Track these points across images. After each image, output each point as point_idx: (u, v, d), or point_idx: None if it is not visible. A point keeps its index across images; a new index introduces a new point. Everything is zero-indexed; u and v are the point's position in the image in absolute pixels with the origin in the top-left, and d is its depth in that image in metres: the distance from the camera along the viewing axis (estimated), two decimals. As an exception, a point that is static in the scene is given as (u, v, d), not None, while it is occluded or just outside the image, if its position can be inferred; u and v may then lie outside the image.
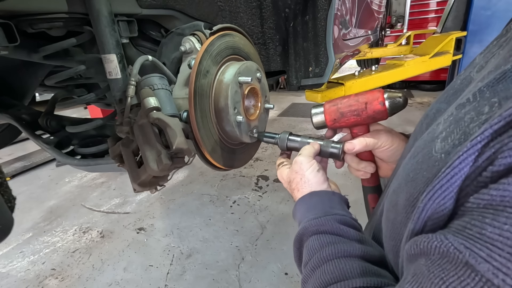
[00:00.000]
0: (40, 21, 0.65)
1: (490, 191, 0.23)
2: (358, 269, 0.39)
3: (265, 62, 1.10)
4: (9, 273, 1.87)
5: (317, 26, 1.01)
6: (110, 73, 0.69)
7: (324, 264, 0.41)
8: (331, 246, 0.43)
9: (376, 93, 0.61)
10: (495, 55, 0.38)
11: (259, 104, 0.79)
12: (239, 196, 2.51)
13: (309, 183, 0.58)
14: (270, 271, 1.71)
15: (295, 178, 0.60)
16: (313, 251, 0.45)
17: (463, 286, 0.22)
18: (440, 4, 4.58)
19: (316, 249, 0.45)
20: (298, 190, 0.58)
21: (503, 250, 0.20)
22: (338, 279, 0.38)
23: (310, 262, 0.44)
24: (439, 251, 0.24)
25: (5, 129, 1.31)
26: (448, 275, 0.23)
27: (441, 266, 0.24)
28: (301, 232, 0.50)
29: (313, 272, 0.42)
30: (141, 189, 0.67)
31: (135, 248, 1.99)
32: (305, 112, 4.63)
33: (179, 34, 0.77)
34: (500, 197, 0.22)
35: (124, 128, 0.66)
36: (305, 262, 0.45)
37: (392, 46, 3.42)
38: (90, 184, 2.98)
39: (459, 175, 0.26)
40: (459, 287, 0.22)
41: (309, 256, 0.45)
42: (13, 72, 0.99)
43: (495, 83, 0.30)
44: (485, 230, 0.22)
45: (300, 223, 0.52)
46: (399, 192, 0.35)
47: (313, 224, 0.48)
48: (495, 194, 0.22)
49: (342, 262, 0.41)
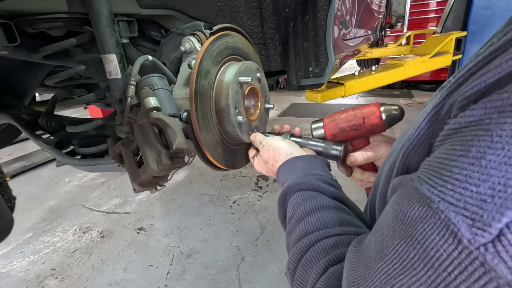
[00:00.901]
0: (40, 21, 0.65)
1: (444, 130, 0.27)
2: (337, 220, 0.44)
3: (265, 62, 1.10)
4: (9, 273, 1.87)
5: (317, 26, 1.01)
6: (110, 73, 0.69)
7: (307, 217, 0.46)
8: (312, 200, 0.48)
9: (372, 107, 0.63)
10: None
11: (259, 104, 0.79)
12: (239, 196, 2.51)
13: (283, 150, 0.62)
14: (270, 271, 1.71)
15: (268, 155, 0.64)
16: (297, 206, 0.50)
17: (416, 211, 0.24)
18: (440, 4, 4.58)
19: (299, 203, 0.50)
20: (276, 161, 0.62)
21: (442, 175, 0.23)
22: (319, 228, 0.44)
23: (294, 216, 0.49)
24: (404, 184, 0.28)
25: (5, 129, 1.31)
26: (409, 203, 0.25)
27: (403, 196, 0.27)
28: (285, 190, 0.54)
29: (297, 224, 0.47)
30: (141, 189, 0.67)
31: (135, 248, 1.99)
32: (305, 112, 4.63)
33: (179, 34, 0.77)
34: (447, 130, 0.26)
35: (124, 128, 0.66)
36: (290, 216, 0.50)
37: (392, 46, 3.42)
38: (90, 184, 2.98)
39: (425, 132, 0.30)
40: (412, 211, 0.24)
41: (293, 210, 0.50)
42: (13, 72, 0.99)
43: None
44: (431, 161, 0.26)
45: (283, 184, 0.56)
46: (383, 167, 0.40)
47: (296, 183, 0.53)
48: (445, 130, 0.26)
49: (323, 213, 0.46)
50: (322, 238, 0.42)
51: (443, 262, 0.21)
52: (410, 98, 5.13)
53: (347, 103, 5.08)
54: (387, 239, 0.27)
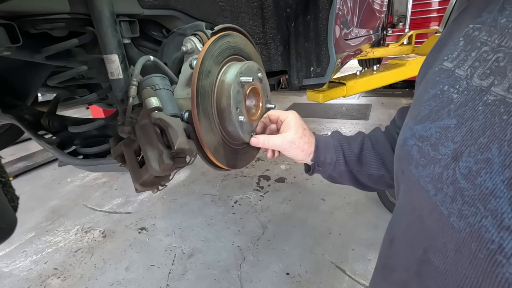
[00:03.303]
0: (43, 21, 0.66)
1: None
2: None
3: (267, 62, 1.10)
4: (12, 273, 1.88)
5: (319, 25, 1.01)
6: (112, 74, 0.69)
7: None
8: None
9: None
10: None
11: (260, 104, 0.79)
12: (240, 196, 2.51)
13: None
14: (272, 271, 1.71)
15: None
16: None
17: None
18: (442, 4, 4.57)
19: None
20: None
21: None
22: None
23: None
24: None
25: (8, 129, 1.32)
26: None
27: None
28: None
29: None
30: (143, 189, 0.67)
31: (137, 248, 2.00)
32: (307, 112, 4.63)
33: (181, 34, 0.77)
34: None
35: (125, 128, 0.66)
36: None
37: (394, 46, 3.41)
38: (92, 184, 2.99)
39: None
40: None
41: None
42: (16, 72, 0.99)
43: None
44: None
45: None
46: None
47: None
48: None
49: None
50: None
51: None
52: (412, 98, 5.11)
53: (348, 103, 5.07)
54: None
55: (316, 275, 1.66)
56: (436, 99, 0.36)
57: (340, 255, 1.78)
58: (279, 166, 2.99)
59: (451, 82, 0.35)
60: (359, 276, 1.63)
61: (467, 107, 0.31)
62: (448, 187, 0.29)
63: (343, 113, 4.56)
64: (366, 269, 1.66)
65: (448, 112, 0.33)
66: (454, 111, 0.32)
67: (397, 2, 4.68)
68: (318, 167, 0.70)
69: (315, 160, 0.70)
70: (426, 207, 0.32)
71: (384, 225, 1.98)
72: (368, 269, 1.66)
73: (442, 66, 0.39)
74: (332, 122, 4.14)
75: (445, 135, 0.32)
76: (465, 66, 0.34)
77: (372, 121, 4.06)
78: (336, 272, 1.67)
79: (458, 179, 0.28)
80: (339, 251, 1.82)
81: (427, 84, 0.40)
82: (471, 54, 0.34)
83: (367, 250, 1.80)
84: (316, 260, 1.76)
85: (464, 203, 0.27)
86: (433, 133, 0.34)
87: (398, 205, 0.42)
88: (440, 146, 0.32)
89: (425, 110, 0.37)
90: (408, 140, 0.38)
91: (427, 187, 0.32)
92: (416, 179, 0.34)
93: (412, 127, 0.38)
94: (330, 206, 2.27)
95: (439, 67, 0.40)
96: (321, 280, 1.62)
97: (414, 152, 0.36)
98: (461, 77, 0.34)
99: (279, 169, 2.94)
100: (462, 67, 0.35)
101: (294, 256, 1.80)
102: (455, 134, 0.31)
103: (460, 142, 0.30)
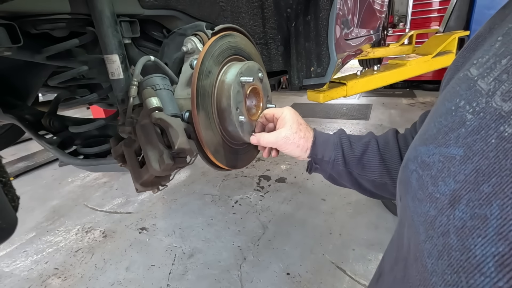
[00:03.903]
0: (43, 22, 0.66)
1: None
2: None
3: (267, 62, 1.10)
4: (13, 272, 1.88)
5: (319, 26, 1.01)
6: (113, 74, 0.69)
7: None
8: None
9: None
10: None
11: (261, 104, 0.79)
12: (241, 196, 2.51)
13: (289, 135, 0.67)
14: (272, 271, 1.71)
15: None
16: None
17: None
18: (443, 4, 4.56)
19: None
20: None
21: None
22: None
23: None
24: None
25: (9, 129, 1.32)
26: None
27: None
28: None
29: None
30: (143, 189, 0.67)
31: (137, 248, 2.00)
32: (307, 112, 4.63)
33: (181, 35, 0.77)
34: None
35: (126, 128, 0.66)
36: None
37: (394, 46, 3.41)
38: (92, 184, 2.99)
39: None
40: None
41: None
42: (17, 72, 1.00)
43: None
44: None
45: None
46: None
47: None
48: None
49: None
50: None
51: None
52: (413, 98, 5.11)
53: (349, 103, 5.07)
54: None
55: (316, 275, 1.66)
56: (448, 117, 0.29)
57: (341, 255, 1.78)
58: (280, 166, 2.99)
59: (469, 97, 0.28)
60: (360, 276, 1.62)
61: (479, 137, 0.25)
62: (438, 238, 0.24)
63: (344, 113, 4.56)
64: (366, 270, 1.66)
65: (456, 138, 0.27)
66: (463, 137, 0.26)
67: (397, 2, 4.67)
68: (316, 165, 0.68)
69: (312, 157, 0.67)
70: (413, 251, 0.28)
71: (384, 225, 1.99)
72: (369, 269, 1.66)
73: (468, 72, 0.31)
74: (332, 122, 4.14)
75: (448, 168, 0.26)
76: (490, 77, 0.27)
77: (372, 121, 4.06)
78: (336, 272, 1.67)
79: (449, 232, 0.23)
80: (340, 251, 1.81)
81: (446, 94, 0.33)
82: (500, 62, 0.26)
83: (368, 250, 1.79)
84: (317, 260, 1.76)
85: (449, 265, 0.22)
86: (436, 162, 0.28)
87: (393, 235, 0.38)
88: (440, 181, 0.26)
89: (434, 128, 0.31)
90: (410, 164, 0.32)
91: (418, 228, 0.27)
92: (411, 214, 0.29)
93: (416, 147, 0.33)
94: (330, 206, 2.27)
95: (464, 73, 0.31)
96: (322, 280, 1.62)
97: (413, 180, 0.30)
98: (482, 92, 0.27)
99: (279, 169, 2.94)
100: (486, 78, 0.27)
101: (295, 256, 1.80)
102: (459, 171, 0.25)
103: (461, 183, 0.24)
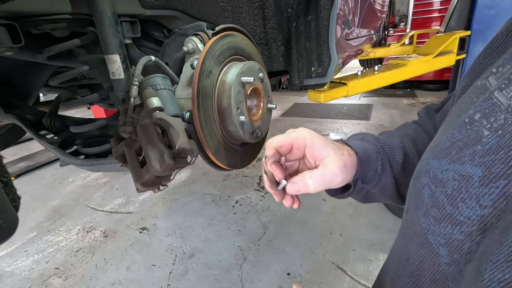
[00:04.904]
0: (45, 22, 0.66)
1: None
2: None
3: (268, 62, 1.10)
4: (14, 272, 1.89)
5: (320, 26, 1.01)
6: (113, 74, 0.70)
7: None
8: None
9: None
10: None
11: (261, 104, 0.79)
12: (241, 196, 2.51)
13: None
14: (273, 271, 1.71)
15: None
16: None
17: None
18: (444, 4, 4.56)
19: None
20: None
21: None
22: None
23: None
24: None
25: (10, 129, 1.32)
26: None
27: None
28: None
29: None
30: (144, 189, 0.67)
31: (138, 248, 2.00)
32: (308, 112, 4.62)
33: (182, 35, 0.77)
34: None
35: (127, 128, 0.66)
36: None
37: (395, 46, 3.41)
38: (93, 184, 3.00)
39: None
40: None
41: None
42: (18, 72, 1.00)
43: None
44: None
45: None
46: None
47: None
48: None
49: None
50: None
51: None
52: (413, 98, 5.10)
53: (349, 103, 5.07)
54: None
55: (317, 275, 1.65)
56: (462, 130, 0.27)
57: (341, 255, 1.78)
58: (280, 166, 2.99)
59: (486, 111, 0.25)
60: (360, 276, 1.62)
61: (497, 157, 0.22)
62: (466, 264, 0.22)
63: (344, 113, 4.55)
64: (367, 270, 1.66)
65: (472, 156, 0.24)
66: (480, 156, 0.24)
67: (398, 2, 4.67)
68: (363, 184, 0.48)
69: (361, 176, 0.46)
70: (429, 272, 0.25)
71: (385, 225, 1.98)
72: (369, 269, 1.65)
73: (486, 82, 0.28)
74: (333, 122, 4.14)
75: (466, 189, 0.24)
76: (510, 89, 0.24)
77: (373, 121, 4.05)
78: (337, 272, 1.67)
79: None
80: (340, 251, 1.81)
81: (462, 105, 0.30)
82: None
83: (368, 250, 1.79)
84: (317, 260, 1.76)
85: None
86: (450, 180, 0.25)
87: (393, 246, 0.36)
88: (460, 202, 0.24)
89: (447, 141, 0.28)
90: (421, 177, 0.30)
91: (438, 249, 0.25)
92: (423, 230, 0.27)
93: (428, 160, 0.30)
94: (331, 206, 2.27)
95: (483, 82, 0.28)
96: (322, 281, 1.62)
97: (425, 195, 0.28)
98: (501, 106, 0.24)
99: (280, 169, 2.93)
100: (505, 90, 0.24)
101: (295, 256, 1.80)
102: (482, 193, 0.22)
103: (490, 208, 0.22)
